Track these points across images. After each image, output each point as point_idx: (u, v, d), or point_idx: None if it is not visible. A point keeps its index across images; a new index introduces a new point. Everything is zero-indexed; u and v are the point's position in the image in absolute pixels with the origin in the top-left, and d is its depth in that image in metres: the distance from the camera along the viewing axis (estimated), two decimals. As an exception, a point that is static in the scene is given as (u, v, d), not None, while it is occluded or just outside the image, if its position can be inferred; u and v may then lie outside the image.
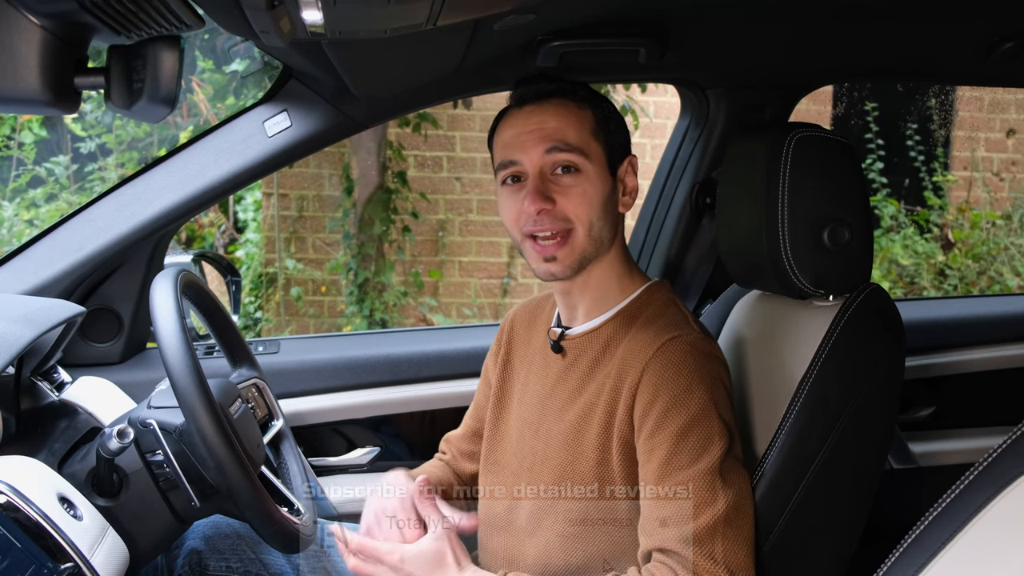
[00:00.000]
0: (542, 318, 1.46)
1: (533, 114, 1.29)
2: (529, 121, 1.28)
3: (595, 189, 1.28)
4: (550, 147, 1.26)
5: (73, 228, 1.63)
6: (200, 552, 1.45)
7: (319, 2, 0.86)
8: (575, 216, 1.26)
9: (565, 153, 1.26)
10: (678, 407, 1.19)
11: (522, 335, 1.47)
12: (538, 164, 1.27)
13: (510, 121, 1.31)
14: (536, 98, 1.29)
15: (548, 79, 1.30)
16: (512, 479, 1.37)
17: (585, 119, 1.29)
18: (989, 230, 5.40)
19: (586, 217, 1.27)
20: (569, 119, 1.28)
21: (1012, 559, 0.71)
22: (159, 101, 0.80)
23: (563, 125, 1.27)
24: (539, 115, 1.28)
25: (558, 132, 1.27)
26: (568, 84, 1.31)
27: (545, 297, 1.50)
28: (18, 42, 0.73)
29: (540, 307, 1.49)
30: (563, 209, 1.26)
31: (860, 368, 1.26)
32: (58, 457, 1.22)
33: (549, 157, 1.27)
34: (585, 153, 1.27)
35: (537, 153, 1.27)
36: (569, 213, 1.26)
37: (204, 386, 1.15)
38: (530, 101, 1.30)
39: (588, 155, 1.27)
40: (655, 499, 1.18)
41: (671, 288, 1.37)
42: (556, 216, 1.26)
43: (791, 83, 1.90)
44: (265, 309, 4.83)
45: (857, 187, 1.33)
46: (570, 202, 1.26)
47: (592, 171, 1.28)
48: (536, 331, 1.45)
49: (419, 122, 4.58)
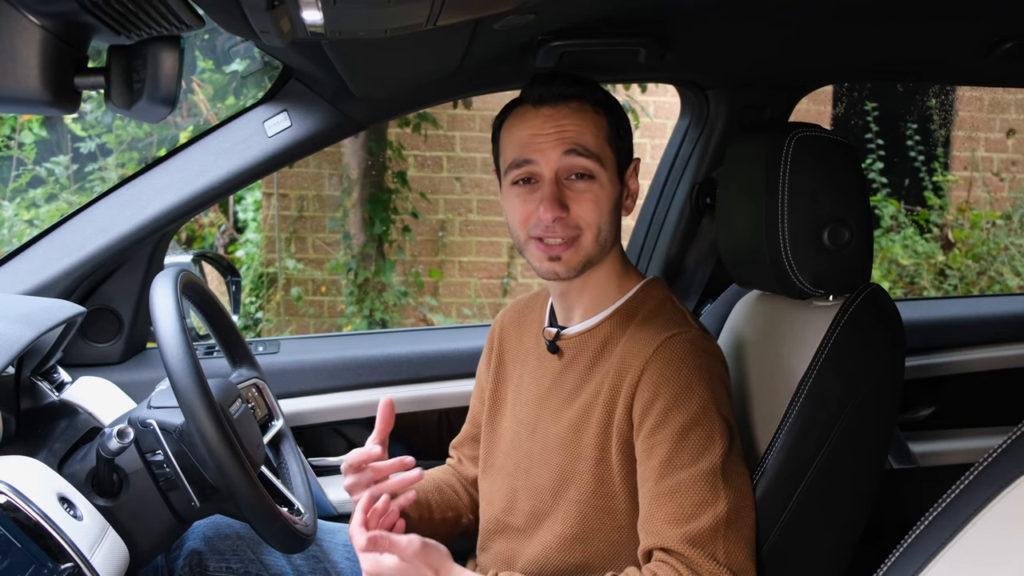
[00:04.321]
0: (532, 317, 1.45)
1: (552, 116, 1.26)
2: (548, 123, 1.26)
3: (606, 196, 1.27)
4: (568, 149, 1.25)
5: (73, 228, 1.63)
6: (200, 553, 1.45)
7: (319, 2, 0.86)
8: (586, 223, 1.26)
9: (583, 158, 1.25)
10: (679, 405, 1.18)
11: (513, 336, 1.47)
12: (555, 167, 1.25)
13: (525, 120, 1.28)
14: (555, 99, 1.27)
15: (568, 80, 1.28)
16: (509, 481, 1.37)
17: (601, 125, 1.28)
18: (989, 230, 5.40)
19: (595, 224, 1.26)
20: (587, 124, 1.26)
21: (1012, 559, 0.71)
22: (159, 101, 0.80)
23: (582, 130, 1.26)
24: (558, 117, 1.26)
25: (578, 136, 1.25)
26: (588, 87, 1.29)
27: (533, 297, 1.50)
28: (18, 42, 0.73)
29: (529, 307, 1.48)
30: (576, 216, 1.25)
31: (860, 368, 1.26)
32: (58, 457, 1.22)
33: (567, 160, 1.25)
34: (600, 160, 1.26)
35: (556, 155, 1.25)
36: (581, 221, 1.26)
37: (204, 386, 1.15)
38: (548, 102, 1.27)
39: (603, 162, 1.27)
40: (656, 497, 1.17)
41: (666, 285, 1.36)
42: (568, 224, 1.25)
43: (791, 83, 1.90)
44: (265, 309, 4.83)
45: (857, 187, 1.32)
46: (583, 209, 1.25)
47: (605, 178, 1.27)
48: (527, 331, 1.44)
49: (419, 122, 4.59)
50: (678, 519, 1.15)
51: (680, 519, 1.15)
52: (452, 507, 1.48)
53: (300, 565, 1.50)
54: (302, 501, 1.42)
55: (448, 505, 1.47)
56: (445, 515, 1.46)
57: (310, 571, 1.50)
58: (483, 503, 1.43)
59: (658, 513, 1.17)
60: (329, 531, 1.55)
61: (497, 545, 1.38)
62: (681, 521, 1.15)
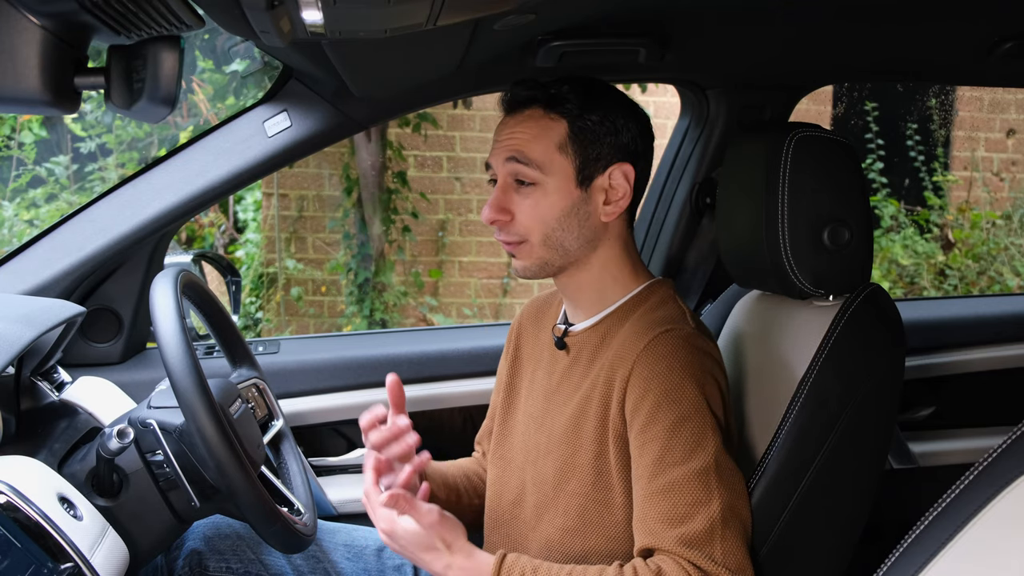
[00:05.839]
0: (549, 314, 1.47)
1: (508, 123, 1.30)
2: (504, 129, 1.30)
3: (550, 203, 1.27)
4: (508, 156, 1.28)
5: (73, 228, 1.63)
6: (200, 553, 1.45)
7: (319, 2, 0.86)
8: (526, 229, 1.28)
9: (522, 166, 1.27)
10: (669, 401, 1.18)
11: (530, 332, 1.49)
12: (503, 173, 1.29)
13: (499, 124, 1.34)
14: (513, 106, 1.31)
15: (528, 85, 1.29)
16: (518, 473, 1.38)
17: (554, 131, 1.27)
18: (989, 230, 5.41)
19: (539, 231, 1.28)
20: (534, 131, 1.27)
21: (1012, 559, 0.71)
22: (159, 101, 0.80)
23: (528, 137, 1.27)
24: (513, 124, 1.29)
25: (521, 144, 1.27)
26: (548, 92, 1.28)
27: (553, 293, 1.51)
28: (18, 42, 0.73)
29: (548, 303, 1.50)
30: (518, 223, 1.28)
31: (860, 368, 1.26)
32: (58, 457, 1.22)
33: (508, 166, 1.28)
34: (542, 168, 1.26)
35: (501, 162, 1.29)
36: (521, 227, 1.28)
37: (204, 386, 1.15)
38: (512, 108, 1.31)
39: (546, 170, 1.26)
40: (649, 496, 1.17)
41: (673, 286, 1.36)
42: (510, 230, 1.29)
43: (791, 83, 1.90)
44: (265, 309, 4.84)
45: (857, 187, 1.32)
46: (524, 215, 1.28)
47: (551, 185, 1.27)
48: (543, 328, 1.46)
49: (419, 122, 4.59)
50: (672, 519, 1.15)
51: (674, 520, 1.15)
52: (479, 495, 1.51)
53: (300, 565, 1.50)
54: (302, 501, 1.42)
55: (475, 492, 1.51)
56: (472, 501, 1.49)
57: (310, 571, 1.50)
58: (490, 493, 1.43)
59: (652, 512, 1.17)
60: (329, 531, 1.55)
61: (502, 535, 1.39)
62: (675, 522, 1.15)
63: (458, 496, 1.47)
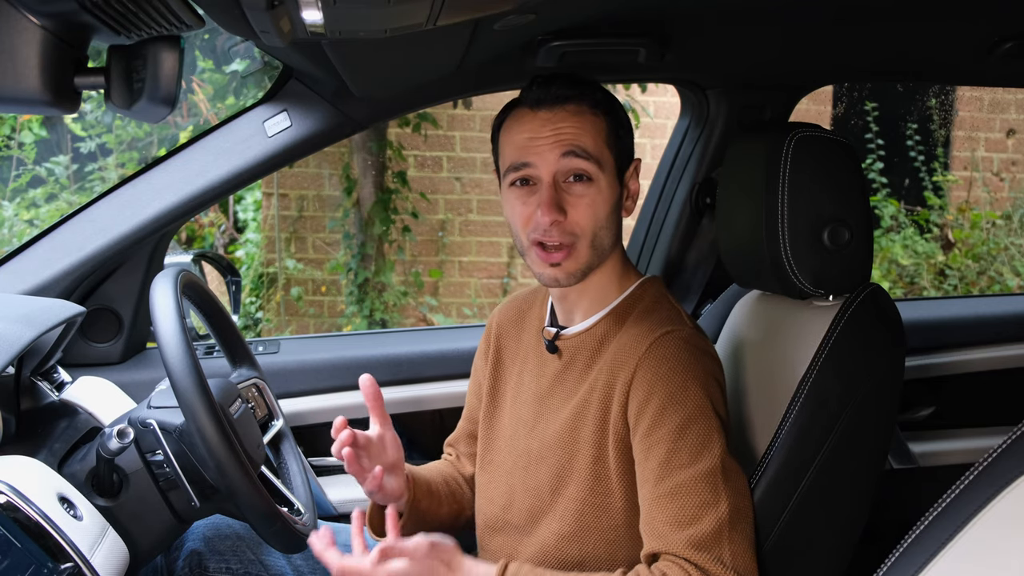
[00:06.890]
0: (532, 314, 1.44)
1: (550, 119, 1.25)
2: (545, 125, 1.25)
3: (604, 199, 1.26)
4: (566, 151, 1.24)
5: (73, 228, 1.63)
6: (200, 553, 1.45)
7: (319, 2, 0.86)
8: (581, 230, 1.25)
9: (582, 160, 1.24)
10: (674, 404, 1.18)
11: (511, 333, 1.46)
12: (553, 169, 1.25)
13: (523, 123, 1.28)
14: (553, 102, 1.26)
15: (566, 82, 1.27)
16: (506, 478, 1.37)
17: (600, 127, 1.27)
18: (989, 230, 5.40)
19: (591, 230, 1.26)
20: (586, 126, 1.25)
21: (1012, 559, 0.71)
22: (159, 101, 0.80)
23: (580, 132, 1.25)
24: (556, 120, 1.25)
25: (576, 138, 1.24)
26: (586, 88, 1.28)
27: (531, 292, 1.48)
28: (18, 42, 0.73)
29: (528, 303, 1.47)
30: (572, 223, 1.25)
31: (860, 368, 1.26)
32: (58, 457, 1.22)
33: (565, 162, 1.24)
34: (599, 162, 1.25)
35: (553, 157, 1.24)
36: (576, 227, 1.25)
37: (204, 386, 1.15)
38: (546, 104, 1.26)
39: (601, 164, 1.26)
40: (656, 499, 1.17)
41: (663, 283, 1.36)
42: (565, 229, 1.25)
43: (791, 83, 1.90)
44: (265, 309, 4.83)
45: (857, 187, 1.32)
46: (579, 214, 1.25)
47: (604, 181, 1.26)
48: (527, 329, 1.44)
49: (419, 122, 4.58)
50: (680, 522, 1.15)
51: (682, 522, 1.15)
52: (457, 500, 1.48)
53: (300, 565, 1.50)
54: (302, 501, 1.42)
55: (454, 497, 1.48)
56: (451, 507, 1.46)
57: (310, 571, 1.50)
58: (480, 500, 1.42)
59: (660, 515, 1.16)
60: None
61: (495, 542, 1.38)
62: (683, 524, 1.14)
63: (439, 503, 1.44)
